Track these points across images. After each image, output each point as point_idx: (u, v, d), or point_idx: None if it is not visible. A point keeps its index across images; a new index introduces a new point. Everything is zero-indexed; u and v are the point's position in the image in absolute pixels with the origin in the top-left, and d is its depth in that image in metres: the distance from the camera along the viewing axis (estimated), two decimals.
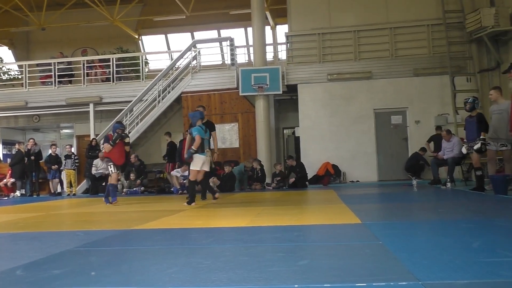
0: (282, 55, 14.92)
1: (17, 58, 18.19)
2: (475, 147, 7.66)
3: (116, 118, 13.70)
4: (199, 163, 7.37)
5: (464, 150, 8.37)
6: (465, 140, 8.43)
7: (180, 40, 18.26)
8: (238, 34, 17.23)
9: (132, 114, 13.79)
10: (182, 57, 13.96)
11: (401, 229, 4.02)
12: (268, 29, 15.35)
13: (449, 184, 9.20)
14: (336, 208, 6.03)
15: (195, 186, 7.48)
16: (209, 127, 8.11)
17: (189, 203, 7.18)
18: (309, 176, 12.14)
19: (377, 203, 7.26)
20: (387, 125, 12.89)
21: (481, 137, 7.57)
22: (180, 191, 11.02)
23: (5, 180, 13.29)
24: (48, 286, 2.35)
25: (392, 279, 2.21)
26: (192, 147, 7.32)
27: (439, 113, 12.41)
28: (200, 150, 7.34)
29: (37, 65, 16.14)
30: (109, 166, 8.20)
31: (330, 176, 12.37)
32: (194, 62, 13.85)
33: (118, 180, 9.18)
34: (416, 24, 12.89)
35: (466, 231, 3.83)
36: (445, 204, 6.52)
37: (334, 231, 4.08)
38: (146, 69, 15.65)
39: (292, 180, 11.61)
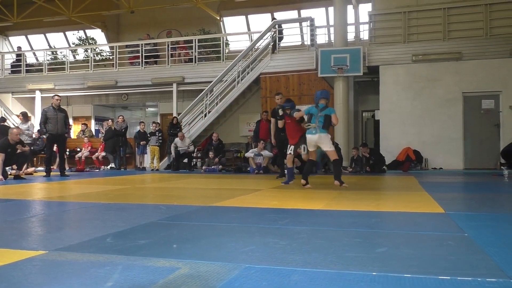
0: (364, 35, 14.40)
1: (109, 39, 19.36)
2: None
3: (198, 97, 14.15)
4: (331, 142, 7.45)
5: None
6: None
7: (260, 21, 18.26)
8: (318, 14, 16.86)
9: (212, 94, 14.15)
10: (261, 38, 14.00)
11: (490, 222, 3.74)
12: (350, 8, 14.81)
13: None
14: (417, 195, 5.77)
15: (341, 165, 7.72)
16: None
17: (341, 182, 7.18)
18: (388, 161, 11.71)
19: (462, 193, 6.83)
20: (476, 110, 12.04)
21: None
22: (256, 171, 11.19)
23: (96, 153, 14.38)
24: (134, 254, 2.50)
25: (480, 275, 2.07)
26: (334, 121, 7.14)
27: None
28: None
29: (126, 46, 17.09)
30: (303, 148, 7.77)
31: (411, 162, 11.84)
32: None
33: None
34: None
35: None
36: None
37: (414, 219, 3.90)
38: (227, 50, 15.91)
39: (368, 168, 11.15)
